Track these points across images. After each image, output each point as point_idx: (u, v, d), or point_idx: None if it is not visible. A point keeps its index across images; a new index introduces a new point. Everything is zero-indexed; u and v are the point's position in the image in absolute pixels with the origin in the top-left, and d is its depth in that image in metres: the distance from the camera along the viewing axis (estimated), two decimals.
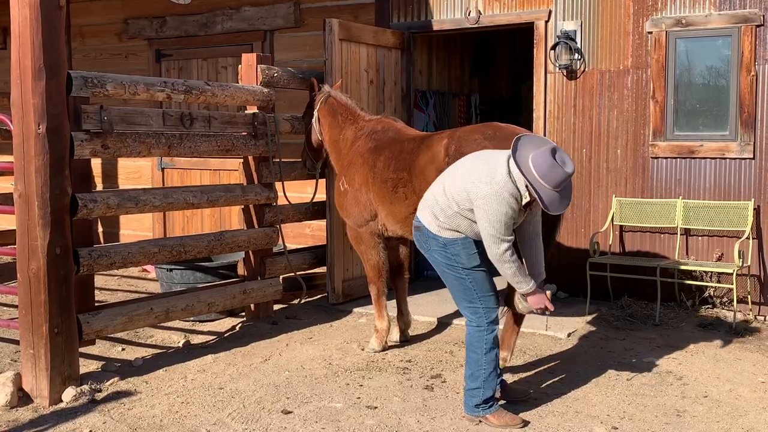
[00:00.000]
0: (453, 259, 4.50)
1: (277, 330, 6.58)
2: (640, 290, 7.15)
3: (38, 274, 4.90)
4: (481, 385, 4.50)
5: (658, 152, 7.18)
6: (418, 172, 5.54)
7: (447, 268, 4.54)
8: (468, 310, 4.55)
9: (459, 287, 4.55)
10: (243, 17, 9.08)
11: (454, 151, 5.24)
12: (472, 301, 4.52)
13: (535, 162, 4.22)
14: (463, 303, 4.57)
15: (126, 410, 4.82)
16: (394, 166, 5.75)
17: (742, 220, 6.79)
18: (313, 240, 8.46)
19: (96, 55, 10.21)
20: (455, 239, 4.48)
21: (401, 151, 5.77)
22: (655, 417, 4.68)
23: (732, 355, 5.85)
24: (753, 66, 6.78)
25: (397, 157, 5.77)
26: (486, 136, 5.21)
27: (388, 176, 5.76)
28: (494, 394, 4.58)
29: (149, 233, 9.48)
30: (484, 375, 4.50)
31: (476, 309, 4.51)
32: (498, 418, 4.52)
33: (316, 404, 4.88)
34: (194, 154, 6.20)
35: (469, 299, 4.53)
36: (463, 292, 4.54)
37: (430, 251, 4.60)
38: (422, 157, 5.55)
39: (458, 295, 4.58)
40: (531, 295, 4.50)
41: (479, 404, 4.52)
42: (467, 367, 4.58)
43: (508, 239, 4.30)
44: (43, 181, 4.87)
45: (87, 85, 5.19)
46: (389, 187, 5.75)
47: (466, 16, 7.92)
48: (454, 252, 4.49)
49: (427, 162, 5.48)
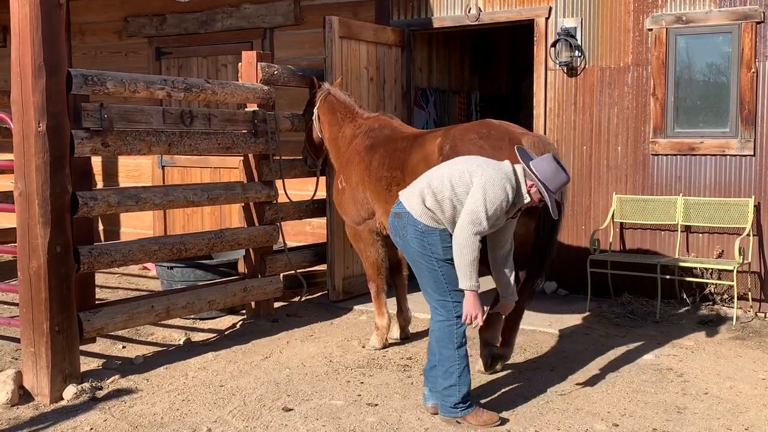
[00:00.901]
0: (429, 249, 4.46)
1: (277, 327, 6.58)
2: (640, 287, 7.15)
3: (39, 273, 4.90)
4: (456, 382, 4.45)
5: (658, 149, 7.18)
6: (410, 171, 5.52)
7: (421, 257, 4.49)
8: (438, 302, 4.50)
9: (431, 279, 4.50)
10: (243, 15, 9.08)
11: (449, 150, 5.24)
12: (442, 294, 4.48)
13: (539, 167, 4.35)
14: (434, 296, 4.51)
15: (127, 408, 4.83)
16: (388, 164, 5.74)
17: (743, 217, 6.78)
18: (313, 238, 8.47)
19: (96, 53, 10.21)
20: (434, 228, 4.46)
21: (395, 150, 5.76)
22: (656, 414, 4.68)
23: (732, 352, 5.85)
24: (753, 63, 6.77)
25: (391, 156, 5.76)
26: (480, 135, 5.20)
27: (383, 175, 5.76)
28: (469, 390, 4.52)
29: (150, 231, 9.49)
30: (458, 370, 4.45)
31: (446, 303, 4.47)
32: (476, 417, 4.47)
33: (316, 401, 4.89)
34: (194, 151, 6.20)
35: (440, 292, 4.48)
36: (435, 285, 4.49)
37: (405, 239, 4.53)
38: (415, 156, 5.54)
39: (429, 287, 4.53)
40: (469, 297, 4.38)
41: (458, 403, 4.46)
42: (440, 365, 4.51)
43: (484, 228, 4.31)
44: (44, 179, 4.87)
45: (87, 83, 5.18)
46: (383, 186, 5.74)
47: (466, 13, 7.91)
48: (431, 241, 4.45)
49: (420, 161, 5.47)
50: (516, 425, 4.51)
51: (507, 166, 4.46)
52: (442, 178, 4.46)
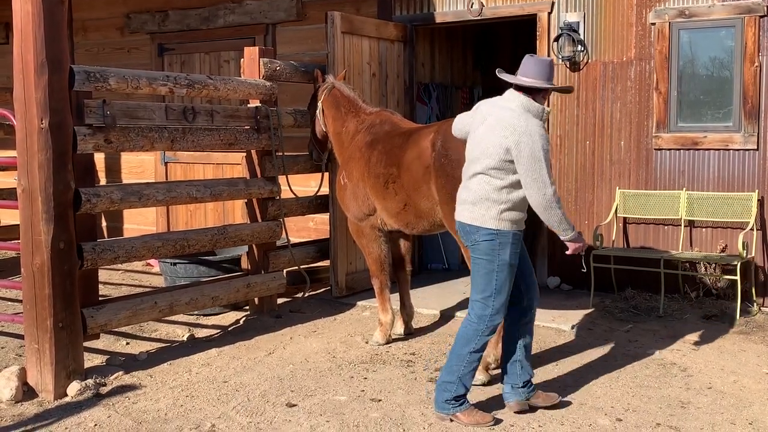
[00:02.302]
0: (497, 251, 4.40)
1: (281, 323, 6.59)
2: (643, 282, 7.15)
3: (42, 269, 4.91)
4: (456, 381, 4.44)
5: (661, 144, 7.16)
6: (405, 168, 5.52)
7: (486, 256, 4.42)
8: (478, 302, 4.47)
9: (485, 278, 4.44)
10: (245, 11, 9.07)
11: (441, 146, 5.23)
12: (489, 295, 4.43)
13: (526, 72, 4.45)
14: (479, 295, 4.48)
15: (131, 404, 4.84)
16: (385, 161, 5.73)
17: (746, 211, 6.77)
18: (316, 233, 8.47)
19: (98, 50, 10.20)
20: (507, 231, 4.40)
21: (392, 147, 5.74)
22: (660, 408, 4.68)
23: (736, 347, 5.85)
24: (757, 57, 6.75)
25: (388, 153, 5.75)
26: None
27: (380, 171, 5.75)
28: (466, 392, 4.51)
29: (153, 227, 9.49)
30: (462, 371, 4.44)
31: (486, 305, 4.44)
32: (468, 416, 4.46)
33: (320, 397, 4.89)
34: (197, 148, 6.21)
35: (487, 292, 4.44)
36: (485, 284, 4.44)
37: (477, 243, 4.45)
38: (410, 153, 5.53)
39: (479, 285, 4.48)
40: (575, 239, 4.49)
41: (450, 400, 4.45)
42: (448, 359, 4.51)
43: (552, 181, 4.32)
44: (47, 175, 4.87)
45: (89, 79, 5.18)
46: (381, 183, 5.74)
47: (468, 8, 7.90)
48: (504, 243, 4.40)
49: (414, 158, 5.46)
50: (519, 420, 4.52)
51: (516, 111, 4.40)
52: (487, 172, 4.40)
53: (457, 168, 5.08)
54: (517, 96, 4.47)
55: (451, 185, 5.10)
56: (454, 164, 5.11)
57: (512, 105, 4.45)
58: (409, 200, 5.57)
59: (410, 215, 5.65)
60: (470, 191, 4.47)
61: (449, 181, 5.13)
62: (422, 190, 5.42)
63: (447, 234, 5.62)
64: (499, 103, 4.53)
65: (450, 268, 8.72)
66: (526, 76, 4.46)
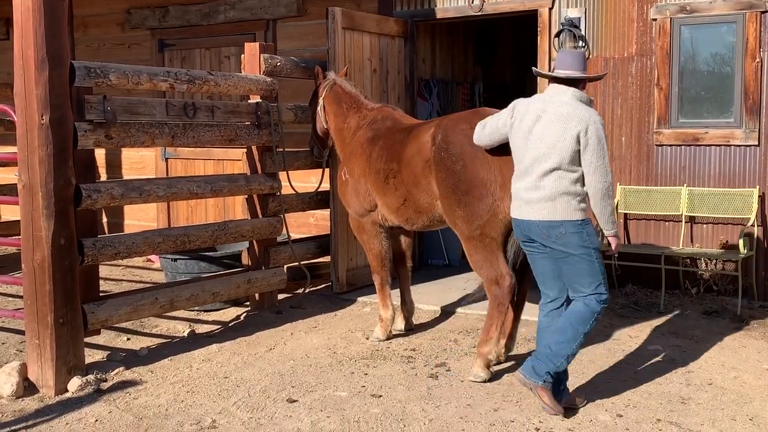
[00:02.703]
0: (588, 240, 4.44)
1: (281, 319, 6.59)
2: (644, 278, 7.15)
3: (43, 265, 4.91)
4: (566, 354, 4.45)
5: (662, 140, 7.16)
6: (405, 163, 5.51)
7: (580, 250, 4.43)
8: (591, 287, 4.47)
9: (588, 270, 4.46)
10: (245, 6, 9.06)
11: (441, 140, 5.23)
12: (599, 283, 4.48)
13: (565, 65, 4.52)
14: (587, 289, 4.48)
15: (132, 399, 4.84)
16: (386, 157, 5.73)
17: (747, 208, 6.77)
18: (317, 229, 8.46)
19: (99, 46, 10.20)
20: (588, 219, 4.48)
21: (393, 143, 5.74)
22: (660, 404, 4.68)
23: (737, 343, 5.85)
24: (758, 53, 6.74)
25: (389, 148, 5.74)
26: (472, 124, 5.15)
27: (381, 167, 5.75)
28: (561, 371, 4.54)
29: (153, 223, 9.49)
30: (572, 349, 4.46)
31: (601, 293, 4.48)
32: (548, 395, 4.48)
33: (320, 393, 4.89)
34: (198, 143, 6.20)
35: (596, 282, 4.47)
36: (591, 275, 4.46)
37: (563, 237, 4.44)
38: (410, 148, 5.53)
39: (583, 278, 4.48)
40: (616, 237, 4.57)
41: (549, 372, 4.44)
42: (561, 335, 4.46)
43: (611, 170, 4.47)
44: (47, 171, 4.87)
45: (90, 75, 5.18)
46: (381, 178, 5.74)
47: (469, 3, 7.88)
48: (589, 231, 4.46)
49: (414, 153, 5.46)
50: (520, 416, 4.52)
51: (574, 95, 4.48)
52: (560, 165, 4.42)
53: (457, 162, 5.08)
54: (566, 89, 4.52)
55: (451, 179, 5.10)
56: (454, 158, 5.10)
57: (565, 98, 4.50)
58: (408, 195, 5.57)
59: (410, 210, 5.65)
60: (544, 189, 4.46)
61: (449, 175, 5.12)
62: (422, 185, 5.42)
63: (448, 230, 5.61)
64: (551, 98, 4.55)
65: (450, 264, 8.72)
66: (565, 69, 4.52)
